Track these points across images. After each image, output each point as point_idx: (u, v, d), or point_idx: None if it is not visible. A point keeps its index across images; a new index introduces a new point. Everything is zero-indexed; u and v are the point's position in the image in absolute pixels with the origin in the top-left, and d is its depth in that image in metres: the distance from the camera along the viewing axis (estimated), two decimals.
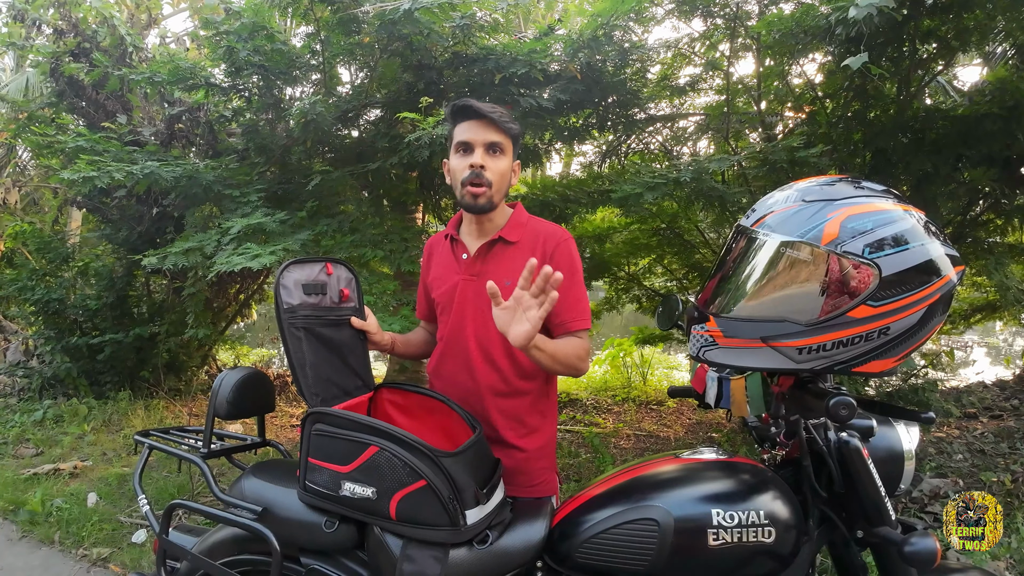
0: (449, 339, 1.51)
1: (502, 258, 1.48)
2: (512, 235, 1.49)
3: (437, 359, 1.56)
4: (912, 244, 1.04)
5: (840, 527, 1.20)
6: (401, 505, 1.15)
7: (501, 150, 1.46)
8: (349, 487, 1.17)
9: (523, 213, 1.56)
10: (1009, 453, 3.67)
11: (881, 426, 1.21)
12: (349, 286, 1.52)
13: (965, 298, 5.40)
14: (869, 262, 1.03)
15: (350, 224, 3.25)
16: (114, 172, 2.75)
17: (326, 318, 1.43)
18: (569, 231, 1.64)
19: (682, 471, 1.22)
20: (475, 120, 1.45)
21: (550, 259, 1.46)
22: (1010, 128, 2.67)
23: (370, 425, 1.18)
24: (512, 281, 1.35)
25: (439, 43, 2.88)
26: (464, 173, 1.44)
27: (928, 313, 1.06)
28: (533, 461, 1.49)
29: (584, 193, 3.35)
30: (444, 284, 1.54)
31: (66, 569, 2.77)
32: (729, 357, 1.16)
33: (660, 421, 4.94)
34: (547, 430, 1.53)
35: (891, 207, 1.08)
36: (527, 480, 1.48)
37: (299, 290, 1.38)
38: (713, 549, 1.11)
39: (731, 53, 3.50)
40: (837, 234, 1.05)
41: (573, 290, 1.46)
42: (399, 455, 1.15)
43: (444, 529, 1.16)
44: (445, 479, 1.15)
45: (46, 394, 5.33)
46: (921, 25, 2.82)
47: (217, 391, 1.39)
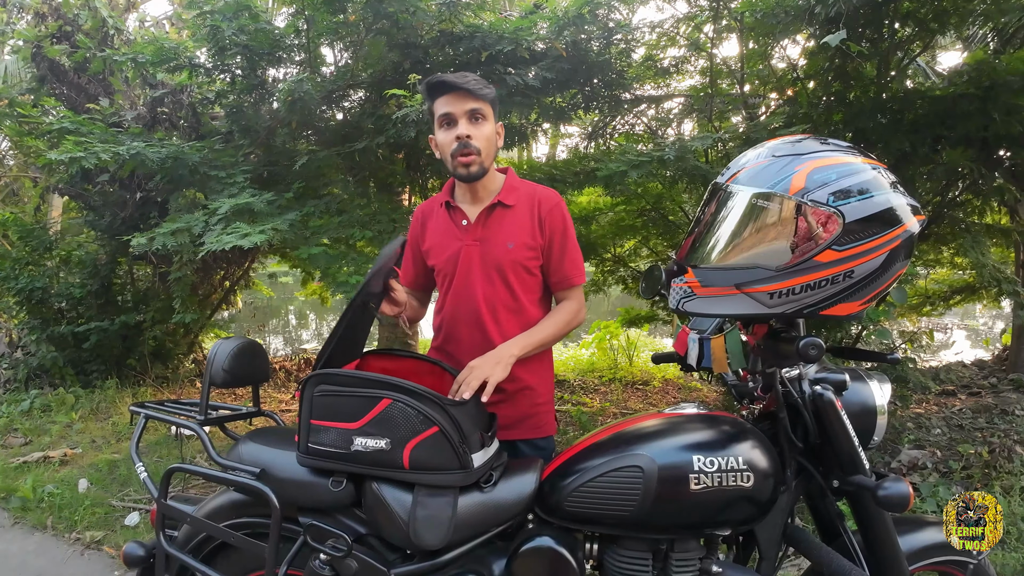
0: (457, 302, 1.58)
1: (502, 222, 1.56)
2: (509, 199, 1.57)
3: (447, 322, 1.61)
4: (874, 193, 1.11)
5: (817, 477, 1.26)
6: (415, 453, 1.20)
7: (483, 115, 1.51)
8: (361, 441, 1.21)
9: (515, 177, 1.64)
10: (986, 427, 3.74)
11: (855, 382, 1.27)
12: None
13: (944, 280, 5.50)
14: (834, 210, 1.10)
15: (337, 205, 3.25)
16: (101, 153, 2.73)
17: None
18: None
19: (665, 424, 1.28)
20: (451, 93, 1.49)
21: (544, 221, 1.56)
22: (986, 109, 2.70)
23: (380, 380, 1.22)
24: (514, 243, 1.51)
25: (425, 21, 2.88)
26: (452, 145, 1.50)
27: (890, 258, 1.12)
28: (538, 398, 1.61)
29: (570, 173, 3.38)
30: (446, 251, 1.59)
31: (60, 553, 2.78)
32: (706, 306, 1.21)
33: (646, 400, 5.02)
34: (547, 369, 1.66)
35: (854, 160, 1.15)
36: (534, 422, 1.61)
37: (381, 277, 1.41)
38: (695, 493, 1.16)
39: (715, 35, 3.53)
40: (804, 185, 1.11)
41: (568, 249, 1.59)
42: (412, 405, 1.20)
43: (456, 472, 1.22)
44: (454, 425, 1.21)
45: (32, 384, 5.29)
46: (900, 7, 2.87)
47: (212, 359, 1.40)
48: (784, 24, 2.84)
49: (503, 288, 1.54)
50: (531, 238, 1.55)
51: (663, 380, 5.54)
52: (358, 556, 1.24)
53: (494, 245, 1.55)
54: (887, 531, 1.27)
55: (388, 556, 1.29)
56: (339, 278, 2.88)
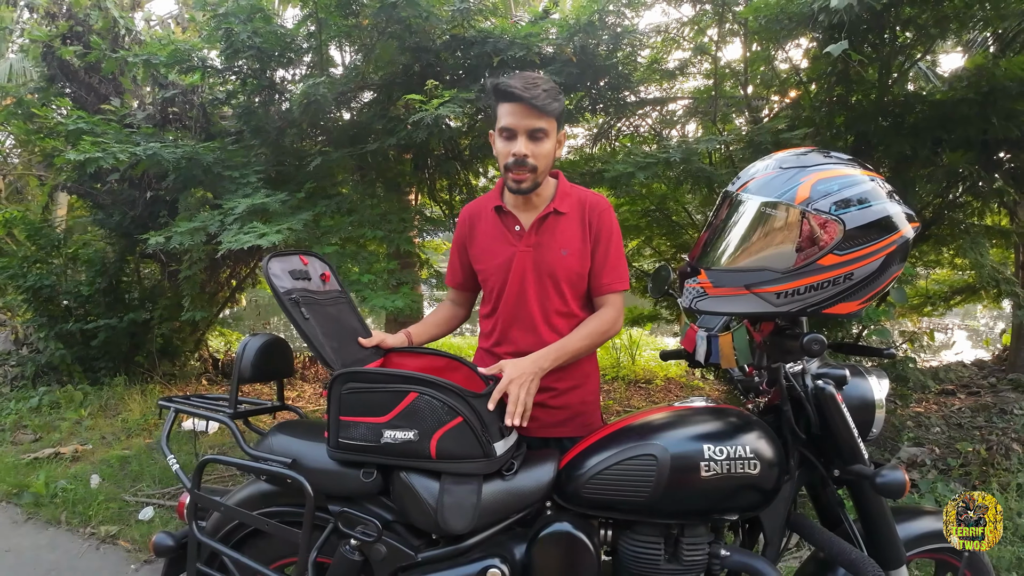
0: (511, 307, 1.59)
1: (556, 229, 1.57)
2: (563, 206, 1.57)
3: (501, 326, 1.62)
4: (873, 203, 1.21)
5: (819, 467, 1.33)
6: (441, 442, 1.27)
7: (544, 134, 1.48)
8: (390, 434, 1.27)
9: (566, 183, 1.64)
10: (985, 426, 3.78)
11: (855, 378, 1.34)
12: (325, 271, 1.59)
13: (945, 280, 5.55)
14: (836, 218, 1.19)
15: (348, 205, 3.31)
16: (118, 153, 2.79)
17: (318, 298, 1.50)
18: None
19: (676, 416, 1.35)
20: (516, 103, 1.45)
21: (592, 225, 1.57)
22: (986, 113, 2.74)
23: (406, 375, 1.29)
24: (569, 250, 1.52)
25: (437, 26, 2.93)
26: (508, 159, 1.48)
27: (886, 261, 1.22)
28: (587, 396, 1.65)
29: (577, 173, 3.44)
30: (498, 256, 1.60)
31: (75, 547, 2.82)
32: (718, 305, 1.31)
33: (649, 398, 5.08)
34: (593, 366, 1.68)
35: (855, 172, 1.24)
36: (583, 420, 1.63)
37: (287, 276, 1.45)
38: (705, 480, 1.23)
39: (719, 38, 3.58)
40: (808, 195, 1.21)
41: (612, 254, 1.59)
42: (437, 397, 1.27)
43: (479, 460, 1.29)
44: (477, 416, 1.28)
45: (40, 381, 5.33)
46: (901, 12, 2.91)
47: (241, 355, 1.45)
48: (788, 29, 2.89)
49: (555, 294, 1.56)
50: (583, 244, 1.56)
51: (666, 378, 5.60)
52: (387, 541, 1.31)
53: (548, 251, 1.55)
54: (885, 517, 1.34)
55: (413, 542, 1.36)
56: (351, 277, 2.93)
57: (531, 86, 1.44)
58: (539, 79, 1.48)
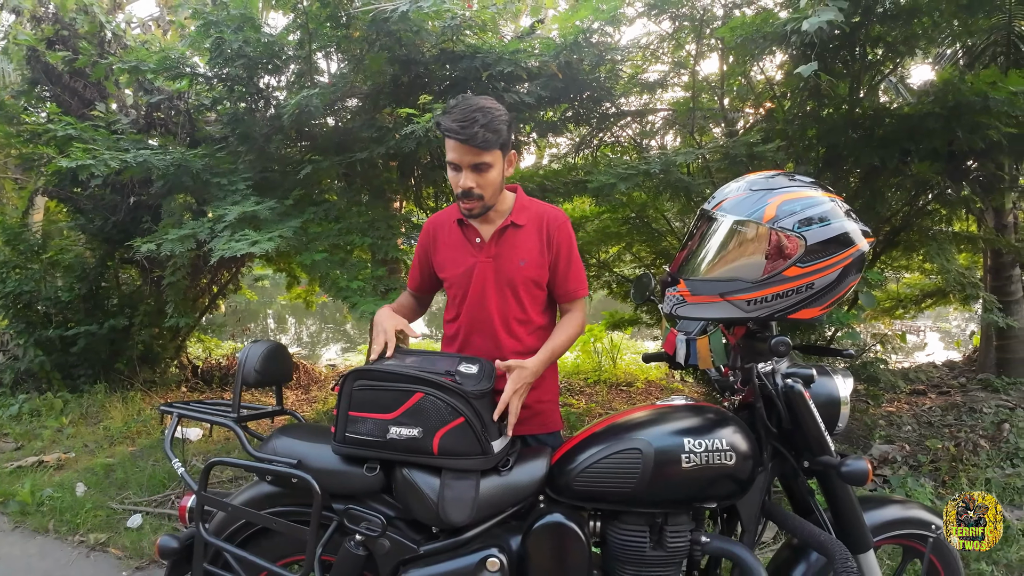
0: (472, 314, 1.69)
1: (514, 241, 1.67)
2: (520, 219, 1.68)
3: (463, 334, 1.71)
4: (832, 221, 1.36)
5: (790, 459, 1.44)
6: (444, 440, 1.36)
7: (488, 166, 1.54)
8: (395, 430, 1.36)
9: (524, 196, 1.74)
10: (954, 424, 3.91)
11: (821, 377, 1.45)
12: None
13: (916, 284, 5.74)
14: (798, 235, 1.35)
15: (335, 212, 3.35)
16: (109, 160, 2.81)
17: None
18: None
19: (658, 413, 1.46)
20: (457, 140, 1.50)
21: (551, 239, 1.68)
22: (951, 126, 2.85)
23: (414, 375, 1.38)
24: (527, 260, 1.64)
25: (427, 40, 3.01)
26: (457, 190, 1.58)
27: (843, 273, 1.38)
28: (543, 396, 1.73)
29: (560, 183, 3.53)
30: (459, 266, 1.70)
31: (64, 555, 2.81)
32: (695, 311, 1.46)
33: (630, 401, 5.18)
34: (551, 369, 1.75)
35: (816, 194, 1.40)
36: (540, 420, 1.73)
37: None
38: (686, 471, 1.33)
39: (697, 53, 3.70)
40: (775, 214, 1.36)
41: (574, 264, 1.72)
42: (441, 398, 1.37)
43: (478, 457, 1.38)
44: (477, 416, 1.37)
45: (19, 389, 5.25)
46: (871, 31, 3.05)
47: (244, 361, 1.52)
48: (762, 48, 3.01)
49: (514, 302, 1.67)
50: (540, 255, 1.67)
51: (646, 381, 5.71)
52: (391, 536, 1.39)
53: (507, 262, 1.66)
54: (851, 504, 1.45)
55: (415, 536, 1.43)
56: (340, 283, 2.98)
57: (468, 124, 1.47)
58: (479, 113, 1.48)
